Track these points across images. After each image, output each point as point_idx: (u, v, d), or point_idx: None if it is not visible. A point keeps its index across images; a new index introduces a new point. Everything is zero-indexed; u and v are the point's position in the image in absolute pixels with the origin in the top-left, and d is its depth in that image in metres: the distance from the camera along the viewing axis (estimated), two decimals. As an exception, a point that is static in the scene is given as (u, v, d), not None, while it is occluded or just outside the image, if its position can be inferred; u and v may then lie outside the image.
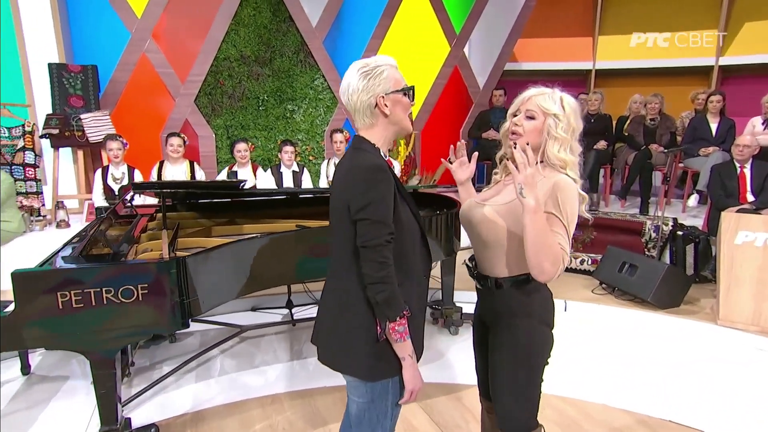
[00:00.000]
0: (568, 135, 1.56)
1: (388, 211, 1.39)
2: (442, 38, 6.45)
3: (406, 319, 1.41)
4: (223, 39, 5.66)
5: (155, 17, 5.41)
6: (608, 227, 5.04)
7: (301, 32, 5.89)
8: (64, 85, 4.95)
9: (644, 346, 3.55)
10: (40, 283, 2.05)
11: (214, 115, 5.82)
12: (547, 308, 1.67)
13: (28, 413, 2.74)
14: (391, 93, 1.44)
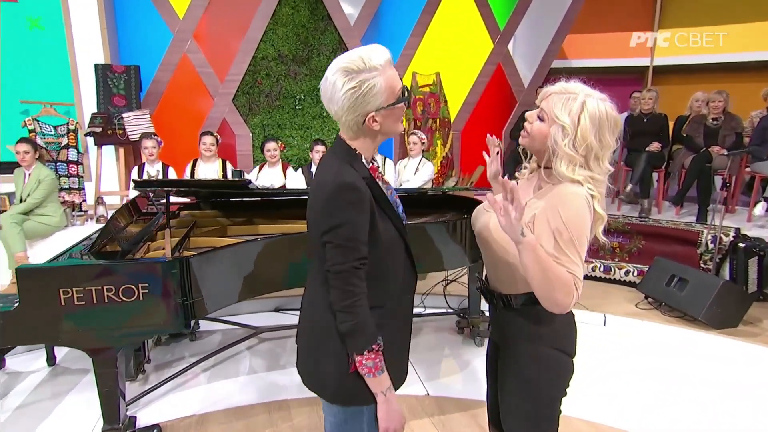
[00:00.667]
0: (578, 152, 1.31)
1: (357, 234, 1.24)
2: (485, 34, 6.19)
3: (379, 353, 1.27)
4: (262, 38, 5.69)
5: (196, 18, 5.51)
6: (659, 236, 4.67)
7: (339, 30, 5.83)
8: (108, 85, 5.11)
9: (693, 369, 3.21)
10: (42, 279, 2.06)
11: (251, 114, 5.87)
12: (566, 332, 1.47)
13: (49, 403, 2.81)
14: (383, 109, 1.24)
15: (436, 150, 5.75)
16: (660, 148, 5.15)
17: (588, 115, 1.30)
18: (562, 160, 1.32)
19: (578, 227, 1.27)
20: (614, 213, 5.25)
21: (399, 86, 1.26)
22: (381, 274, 1.33)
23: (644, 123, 5.28)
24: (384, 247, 1.31)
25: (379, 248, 1.30)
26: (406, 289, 1.46)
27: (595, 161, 1.34)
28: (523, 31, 6.34)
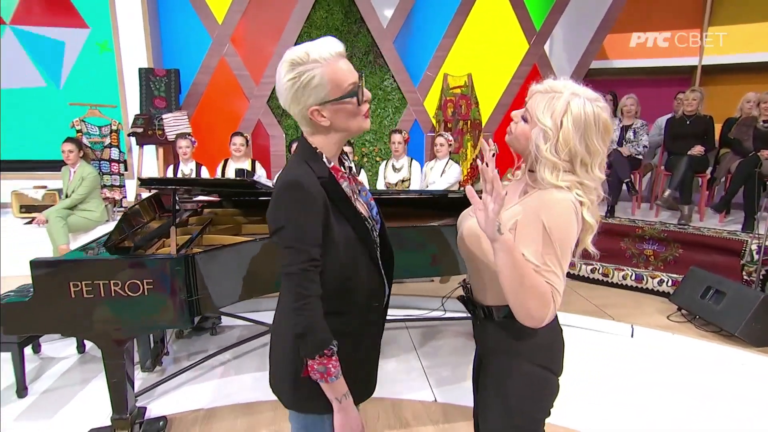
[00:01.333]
0: (559, 158, 1.19)
1: (305, 235, 1.18)
2: (521, 35, 6.01)
3: (333, 358, 1.21)
4: (296, 41, 5.74)
5: (234, 23, 5.66)
6: (698, 245, 4.38)
7: (371, 33, 5.82)
8: (150, 87, 5.33)
9: (727, 388, 2.96)
10: (54, 272, 2.12)
11: (285, 116, 5.94)
12: (551, 348, 1.36)
13: (75, 388, 2.91)
14: (327, 103, 1.19)
15: (467, 152, 5.63)
16: (703, 152, 4.81)
17: (572, 117, 1.19)
18: (545, 166, 1.21)
19: (561, 236, 1.16)
20: (651, 219, 4.96)
21: (348, 81, 1.19)
22: (341, 279, 1.27)
23: (687, 125, 4.95)
24: (341, 250, 1.25)
25: (336, 252, 1.24)
26: (374, 298, 1.37)
27: (582, 168, 1.22)
28: (561, 30, 6.09)
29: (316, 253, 1.19)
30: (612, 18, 5.91)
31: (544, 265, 1.15)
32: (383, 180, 4.92)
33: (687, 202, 4.83)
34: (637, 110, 5.20)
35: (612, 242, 4.69)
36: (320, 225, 1.20)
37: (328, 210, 1.21)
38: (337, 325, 1.24)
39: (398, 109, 6.05)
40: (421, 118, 6.04)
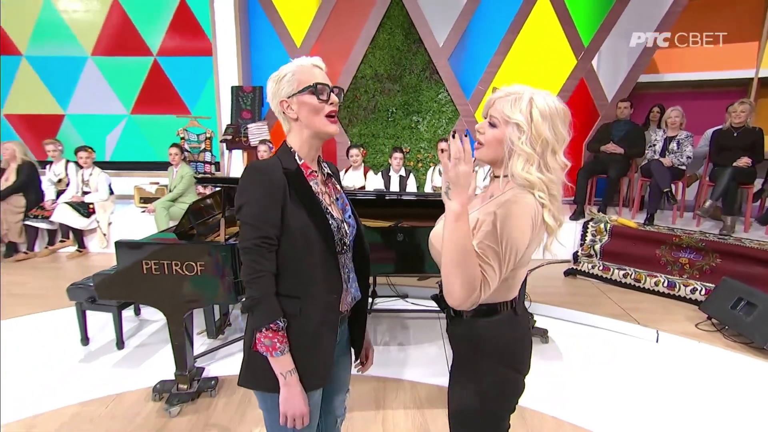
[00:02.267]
0: (535, 149, 1.16)
1: (262, 214, 1.18)
2: (569, 51, 5.71)
3: (279, 333, 1.18)
4: (362, 60, 5.89)
5: (310, 46, 5.89)
6: (737, 255, 3.96)
7: (428, 51, 5.82)
8: (239, 102, 5.71)
9: (751, 400, 2.64)
10: (131, 252, 2.32)
11: (350, 125, 6.10)
12: (517, 348, 1.30)
13: (159, 346, 3.14)
14: (293, 95, 1.24)
15: (510, 160, 5.46)
16: (750, 164, 4.33)
17: (538, 110, 1.17)
18: (519, 159, 1.17)
19: (510, 234, 1.11)
20: (691, 229, 4.55)
21: (311, 81, 1.24)
22: (295, 264, 1.23)
23: (734, 137, 4.47)
24: (295, 238, 1.22)
25: (291, 237, 1.21)
26: (329, 291, 1.29)
27: (552, 156, 1.19)
28: (610, 44, 5.71)
29: (272, 233, 1.19)
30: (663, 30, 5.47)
31: (484, 256, 1.11)
32: (430, 183, 4.91)
33: (730, 213, 4.38)
34: (682, 122, 4.79)
35: (647, 249, 4.37)
36: (278, 208, 1.19)
37: (285, 197, 1.20)
38: (289, 308, 1.22)
39: (451, 120, 6.00)
40: (474, 128, 5.94)
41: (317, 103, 1.24)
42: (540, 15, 5.67)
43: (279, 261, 1.21)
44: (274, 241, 1.19)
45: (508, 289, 1.24)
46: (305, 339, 1.23)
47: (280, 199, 1.19)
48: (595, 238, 4.75)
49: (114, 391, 2.62)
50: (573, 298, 4.04)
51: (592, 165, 5.22)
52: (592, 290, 4.22)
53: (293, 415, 1.22)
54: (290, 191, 1.21)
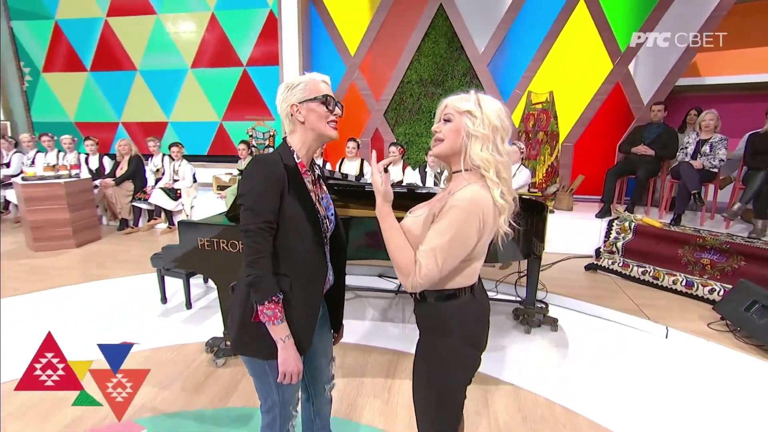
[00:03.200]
0: (487, 131, 1.19)
1: (263, 201, 1.21)
2: (605, 56, 5.40)
3: (279, 306, 1.24)
4: (408, 67, 5.93)
5: (362, 55, 6.02)
6: (763, 258, 3.62)
7: (469, 58, 5.74)
8: (300, 104, 5.94)
9: (756, 401, 2.44)
10: (190, 230, 2.53)
11: (396, 125, 6.17)
12: (474, 327, 1.32)
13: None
14: (304, 102, 1.29)
15: (543, 158, 5.29)
16: (784, 168, 3.93)
17: (484, 102, 1.22)
18: (476, 142, 1.20)
19: (455, 224, 1.15)
20: (718, 230, 4.21)
21: (321, 92, 1.30)
22: (287, 248, 1.28)
23: (766, 142, 4.07)
24: (291, 223, 1.27)
25: (286, 224, 1.26)
26: (315, 275, 1.35)
27: (502, 142, 1.22)
28: (649, 48, 5.32)
29: (272, 218, 1.22)
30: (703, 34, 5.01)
31: (430, 247, 1.14)
32: (462, 180, 4.89)
33: (761, 216, 4.00)
34: (716, 125, 4.40)
35: (670, 249, 4.09)
36: (277, 197, 1.23)
37: (284, 188, 1.24)
38: (282, 285, 1.26)
39: (488, 121, 5.90)
40: (516, 128, 5.83)
41: (324, 111, 1.30)
42: (577, 22, 5.39)
43: (275, 244, 1.26)
44: (273, 225, 1.23)
45: (467, 276, 1.26)
46: (294, 312, 1.29)
47: (279, 189, 1.23)
48: (618, 236, 4.53)
49: (178, 342, 2.91)
50: (589, 291, 3.86)
51: (622, 166, 4.94)
52: (610, 285, 4.01)
53: (291, 372, 1.28)
54: (288, 184, 1.25)
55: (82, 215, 4.98)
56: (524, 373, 2.68)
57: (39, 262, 4.49)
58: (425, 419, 1.36)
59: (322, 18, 6.09)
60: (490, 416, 2.30)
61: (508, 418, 2.28)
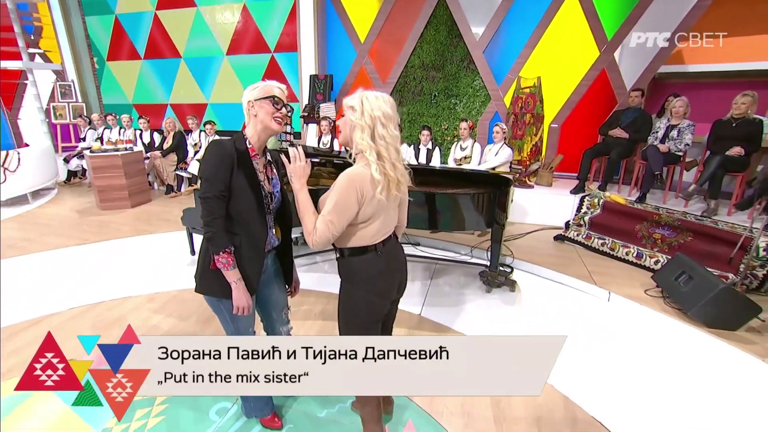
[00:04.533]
0: (365, 122, 1.32)
1: (217, 173, 1.36)
2: (592, 44, 5.19)
3: (231, 256, 1.40)
4: (412, 52, 5.89)
5: (371, 41, 6.01)
6: (707, 235, 3.65)
7: (467, 45, 5.64)
8: (315, 87, 6.08)
9: (669, 357, 2.56)
10: None
11: (401, 105, 6.19)
12: (378, 279, 1.47)
13: None
14: (258, 99, 1.43)
15: (529, 138, 5.26)
16: (741, 153, 3.82)
17: (366, 98, 1.35)
18: (357, 130, 1.34)
19: (337, 197, 1.33)
20: (677, 209, 4.19)
21: (272, 93, 1.44)
22: (236, 211, 1.43)
23: (732, 128, 3.92)
24: (238, 195, 1.41)
25: (235, 194, 1.41)
26: (257, 236, 1.48)
27: (383, 128, 1.33)
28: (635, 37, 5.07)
29: (223, 188, 1.37)
30: (687, 25, 4.72)
31: (327, 212, 1.33)
32: (453, 156, 4.97)
33: (714, 197, 3.95)
34: (686, 111, 4.27)
35: (629, 224, 4.13)
36: (228, 172, 1.37)
37: (233, 166, 1.39)
38: (233, 241, 1.43)
39: (484, 103, 5.86)
40: (501, 110, 5.77)
41: (272, 108, 1.45)
42: (567, 11, 5.17)
43: (228, 208, 1.41)
44: (225, 194, 1.38)
45: (366, 237, 1.43)
46: (242, 261, 1.47)
47: (229, 166, 1.38)
48: (588, 211, 4.57)
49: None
50: (551, 258, 3.95)
51: (598, 147, 4.88)
52: (572, 254, 4.09)
53: (242, 306, 1.48)
54: (237, 163, 1.40)
55: (135, 181, 5.46)
56: (475, 325, 2.86)
57: (104, 219, 5.03)
58: None
59: (335, 8, 6.08)
60: None
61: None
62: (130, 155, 5.38)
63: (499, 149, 4.68)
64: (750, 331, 2.79)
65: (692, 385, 2.29)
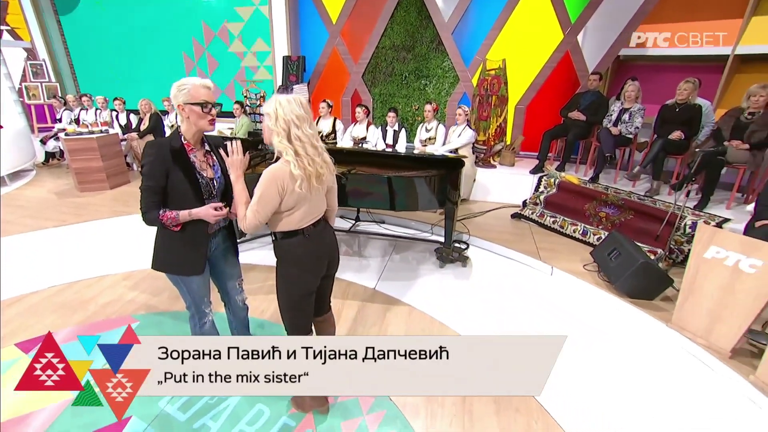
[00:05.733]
0: (279, 128, 1.46)
1: (152, 171, 1.54)
2: (557, 27, 5.30)
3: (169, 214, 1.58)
4: (383, 34, 5.94)
5: (343, 22, 6.03)
6: (646, 214, 3.93)
7: (436, 26, 5.71)
8: (288, 68, 6.12)
9: (595, 324, 2.86)
10: None
11: (373, 86, 6.30)
12: (307, 258, 1.65)
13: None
14: (188, 104, 1.55)
15: (492, 119, 5.43)
16: (681, 137, 4.06)
17: (280, 104, 1.47)
18: (274, 134, 1.49)
19: (261, 190, 1.49)
20: (625, 188, 4.45)
21: (201, 98, 1.55)
22: (177, 200, 1.60)
23: (675, 112, 4.16)
24: (176, 186, 1.59)
25: (174, 186, 1.58)
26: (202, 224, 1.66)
27: (298, 129, 1.47)
28: (597, 21, 5.19)
29: (159, 182, 1.55)
30: (645, 11, 4.84)
31: (254, 202, 1.50)
32: (419, 137, 5.11)
33: (656, 178, 4.23)
34: (637, 96, 4.47)
35: (579, 202, 4.38)
36: (163, 168, 1.54)
37: (169, 162, 1.55)
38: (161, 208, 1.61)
39: (452, 84, 5.99)
40: (470, 91, 5.90)
41: (201, 112, 1.58)
42: (533, -6, 5.27)
43: (170, 198, 1.60)
44: (159, 188, 1.57)
45: (296, 222, 1.59)
46: (187, 243, 1.65)
47: (165, 163, 1.55)
48: (544, 190, 4.82)
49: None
50: (506, 235, 4.13)
51: (557, 129, 5.10)
52: (525, 231, 4.30)
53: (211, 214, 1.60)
54: (173, 159, 1.56)
55: (112, 163, 5.57)
56: (424, 298, 3.08)
57: (82, 201, 5.17)
58: (284, 318, 1.77)
59: (307, -12, 6.07)
60: (381, 326, 2.73)
61: (396, 329, 2.70)
62: (106, 137, 5.46)
63: (462, 131, 4.86)
64: (665, 300, 3.11)
65: (612, 348, 2.62)
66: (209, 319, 1.95)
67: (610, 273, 3.29)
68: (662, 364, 2.51)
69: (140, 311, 2.89)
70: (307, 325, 1.81)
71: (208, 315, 1.93)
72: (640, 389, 2.29)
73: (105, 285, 3.24)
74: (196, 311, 1.89)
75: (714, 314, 2.55)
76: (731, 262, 2.46)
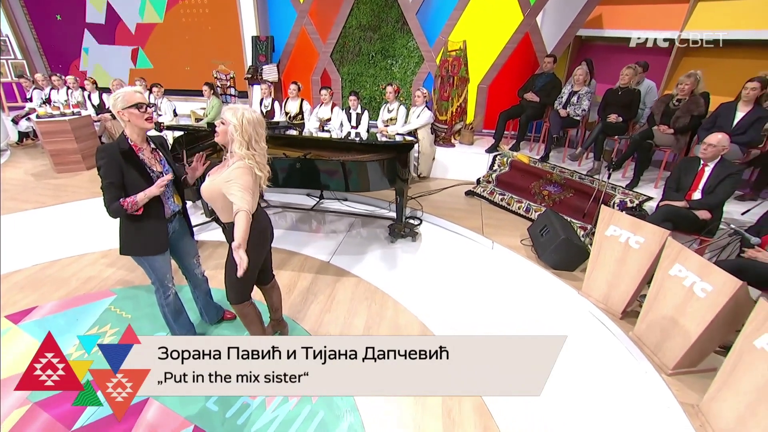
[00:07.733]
0: (243, 138, 1.71)
1: (107, 172, 1.77)
2: (517, 8, 5.48)
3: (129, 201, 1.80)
4: (349, 13, 6.04)
5: (310, 2, 6.08)
6: (583, 192, 4.32)
7: (401, 6, 5.83)
8: (257, 48, 6.24)
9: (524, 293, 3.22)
10: None
11: (341, 65, 6.45)
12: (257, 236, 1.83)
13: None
14: (125, 108, 1.76)
15: (453, 100, 5.70)
16: (618, 120, 4.41)
17: (245, 118, 1.71)
18: (236, 143, 1.72)
19: (239, 179, 1.71)
20: (571, 168, 4.81)
21: (135, 101, 1.77)
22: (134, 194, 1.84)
23: (617, 96, 4.48)
24: (132, 183, 1.82)
25: (129, 182, 1.82)
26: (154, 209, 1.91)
27: (256, 143, 1.73)
28: (554, 1, 5.39)
29: (115, 180, 1.77)
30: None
31: (232, 194, 1.71)
32: (381, 118, 5.37)
33: (597, 158, 4.60)
34: (586, 79, 4.77)
35: (527, 181, 4.72)
36: (117, 168, 1.76)
37: (120, 163, 1.78)
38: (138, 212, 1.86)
39: (417, 64, 6.18)
40: (434, 71, 6.07)
41: (138, 112, 1.81)
42: (493, -25, 5.40)
43: (128, 194, 1.84)
44: (119, 183, 1.80)
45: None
46: (149, 227, 1.91)
47: (117, 163, 1.79)
48: (498, 168, 5.16)
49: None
50: (456, 212, 4.40)
51: (512, 110, 5.39)
52: (475, 208, 4.58)
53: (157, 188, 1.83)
54: (124, 160, 1.80)
55: (87, 145, 5.77)
56: (371, 271, 3.39)
57: (59, 182, 5.40)
58: (233, 289, 2.05)
59: (273, -35, 6.09)
60: (331, 295, 3.06)
61: (342, 297, 3.03)
62: (79, 119, 5.63)
63: (421, 112, 5.13)
64: (583, 271, 3.53)
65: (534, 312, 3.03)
66: (172, 291, 2.27)
67: (538, 247, 3.70)
68: (572, 324, 2.95)
69: (118, 286, 3.26)
70: (250, 291, 2.13)
71: (171, 288, 2.25)
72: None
73: (85, 263, 3.59)
74: (161, 286, 2.19)
75: (610, 283, 3.01)
76: (623, 239, 2.88)
